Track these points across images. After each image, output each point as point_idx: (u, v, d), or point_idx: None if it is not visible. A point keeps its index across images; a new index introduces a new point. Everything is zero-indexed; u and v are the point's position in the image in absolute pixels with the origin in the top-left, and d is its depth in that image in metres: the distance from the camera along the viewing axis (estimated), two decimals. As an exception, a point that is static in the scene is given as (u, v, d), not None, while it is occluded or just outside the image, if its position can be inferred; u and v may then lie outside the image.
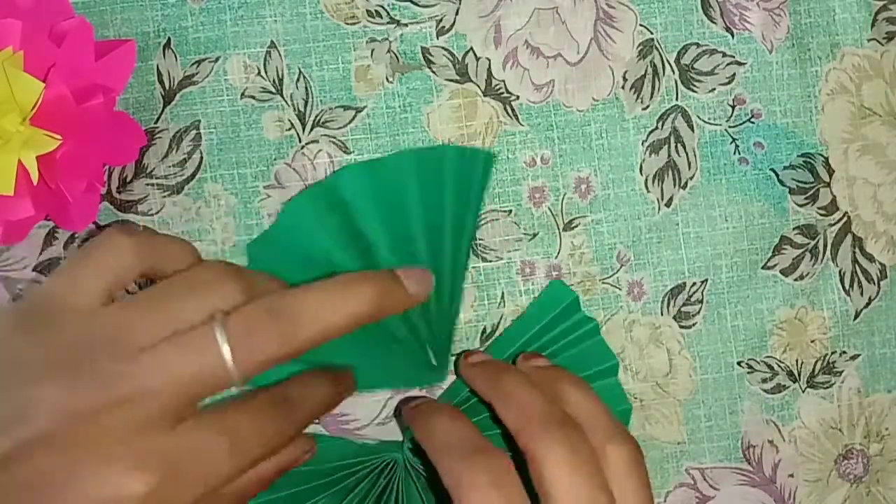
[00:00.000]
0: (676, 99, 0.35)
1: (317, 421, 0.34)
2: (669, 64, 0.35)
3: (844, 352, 0.36)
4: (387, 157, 0.33)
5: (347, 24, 0.34)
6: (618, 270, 0.35)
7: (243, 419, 0.27)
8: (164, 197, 0.33)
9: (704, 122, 0.35)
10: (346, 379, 0.31)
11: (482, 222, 0.34)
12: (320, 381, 0.30)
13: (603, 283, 0.35)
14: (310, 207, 0.33)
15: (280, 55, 0.34)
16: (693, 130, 0.35)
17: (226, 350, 0.26)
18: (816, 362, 0.36)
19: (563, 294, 0.35)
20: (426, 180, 0.33)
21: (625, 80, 0.35)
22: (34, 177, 0.29)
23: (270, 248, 0.33)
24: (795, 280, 0.35)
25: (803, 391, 0.35)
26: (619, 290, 0.35)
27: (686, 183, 0.35)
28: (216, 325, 0.26)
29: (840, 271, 0.36)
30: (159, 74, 0.33)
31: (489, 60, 0.34)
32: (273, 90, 0.34)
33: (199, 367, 0.26)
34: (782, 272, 0.35)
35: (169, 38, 0.33)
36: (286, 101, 0.34)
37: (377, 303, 0.28)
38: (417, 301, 0.30)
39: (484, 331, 0.34)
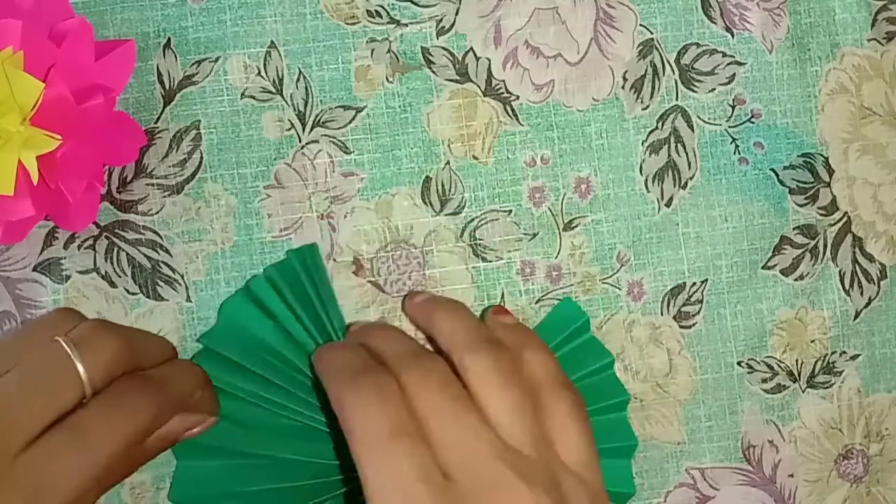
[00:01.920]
0: (676, 99, 0.35)
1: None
2: (669, 64, 0.35)
3: (844, 352, 0.36)
4: (251, 280, 0.33)
5: (347, 24, 0.34)
6: (618, 270, 0.35)
7: (89, 416, 0.27)
8: (164, 197, 0.33)
9: (704, 122, 0.35)
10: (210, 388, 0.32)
11: (482, 223, 0.34)
12: (190, 371, 0.31)
13: (603, 283, 0.35)
14: (244, 308, 0.33)
15: (280, 55, 0.34)
16: (693, 130, 0.35)
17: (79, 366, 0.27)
18: (816, 362, 0.36)
19: (574, 315, 0.34)
20: (289, 288, 0.33)
21: (625, 80, 0.35)
22: (34, 177, 0.29)
23: (220, 342, 0.33)
24: (795, 280, 0.35)
25: (803, 391, 0.35)
26: (619, 290, 0.35)
27: (686, 183, 0.35)
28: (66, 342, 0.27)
29: (840, 271, 0.36)
30: (159, 74, 0.33)
31: (489, 60, 0.34)
32: (273, 90, 0.34)
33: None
34: (782, 272, 0.35)
35: (169, 38, 0.33)
36: (286, 101, 0.34)
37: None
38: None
39: (484, 331, 0.34)
